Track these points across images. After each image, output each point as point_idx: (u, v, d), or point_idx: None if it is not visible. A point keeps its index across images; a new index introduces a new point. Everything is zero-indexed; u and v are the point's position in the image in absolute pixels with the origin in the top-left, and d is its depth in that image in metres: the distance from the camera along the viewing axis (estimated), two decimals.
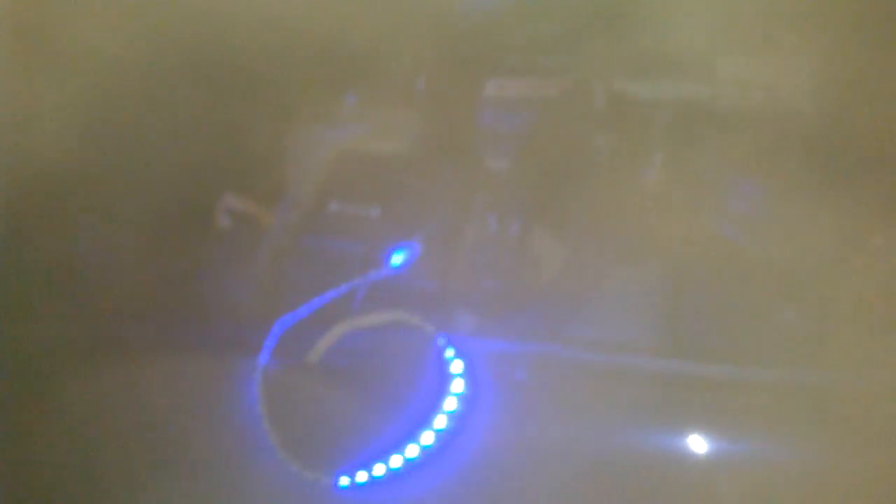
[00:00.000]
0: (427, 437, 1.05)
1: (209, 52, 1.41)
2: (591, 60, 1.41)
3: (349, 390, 1.13)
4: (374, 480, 1.06)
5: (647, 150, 1.37)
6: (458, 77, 1.52)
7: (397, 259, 1.19)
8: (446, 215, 1.30)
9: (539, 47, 1.50)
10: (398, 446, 1.06)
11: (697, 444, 1.10)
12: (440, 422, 1.06)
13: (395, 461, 1.05)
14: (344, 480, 1.07)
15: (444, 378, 1.08)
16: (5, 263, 1.31)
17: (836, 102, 1.31)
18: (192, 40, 1.40)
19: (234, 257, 1.40)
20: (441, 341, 1.10)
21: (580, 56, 1.42)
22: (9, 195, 1.32)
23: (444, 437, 1.06)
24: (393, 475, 1.06)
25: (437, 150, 1.49)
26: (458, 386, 1.07)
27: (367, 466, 1.06)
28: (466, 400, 1.07)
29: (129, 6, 1.41)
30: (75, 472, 1.29)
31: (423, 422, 1.06)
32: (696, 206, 1.30)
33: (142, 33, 1.39)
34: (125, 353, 1.30)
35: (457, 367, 1.08)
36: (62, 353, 1.30)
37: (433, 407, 1.07)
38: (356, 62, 1.54)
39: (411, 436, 1.06)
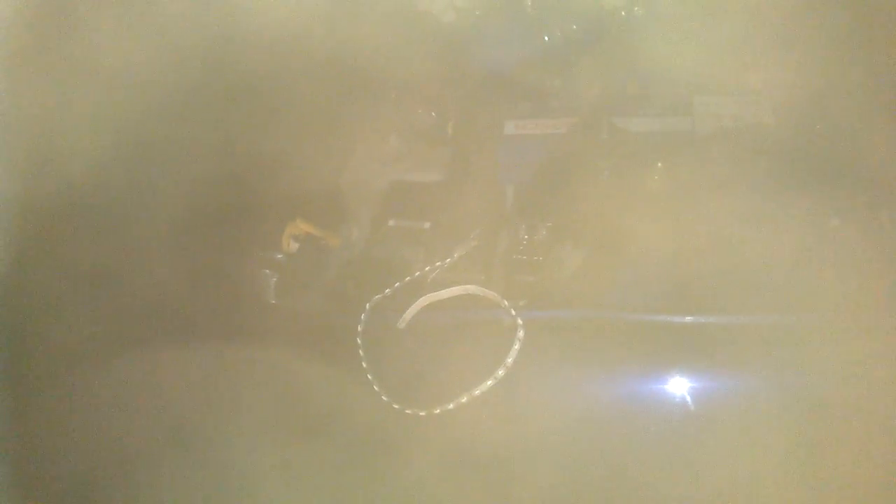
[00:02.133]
0: (489, 384, 1.38)
1: (231, 66, 1.53)
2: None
3: (432, 346, 1.43)
4: (448, 413, 1.37)
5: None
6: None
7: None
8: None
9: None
10: (468, 389, 1.38)
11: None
12: (501, 373, 1.39)
13: (464, 400, 1.38)
14: (424, 412, 1.36)
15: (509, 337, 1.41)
16: (33, 266, 1.36)
17: (811, 113, 1.55)
18: (215, 55, 1.51)
19: (254, 258, 1.53)
20: (505, 309, 1.43)
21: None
22: (36, 200, 1.36)
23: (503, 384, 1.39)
24: (463, 410, 1.36)
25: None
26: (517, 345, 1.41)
27: (443, 402, 1.38)
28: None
29: (152, 21, 1.51)
30: (93, 468, 1.35)
31: (489, 371, 1.39)
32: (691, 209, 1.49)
33: (165, 46, 1.48)
34: (148, 350, 1.37)
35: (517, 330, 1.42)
36: (88, 351, 1.37)
37: (498, 361, 1.40)
38: (372, 79, 1.72)
39: (479, 381, 1.39)
